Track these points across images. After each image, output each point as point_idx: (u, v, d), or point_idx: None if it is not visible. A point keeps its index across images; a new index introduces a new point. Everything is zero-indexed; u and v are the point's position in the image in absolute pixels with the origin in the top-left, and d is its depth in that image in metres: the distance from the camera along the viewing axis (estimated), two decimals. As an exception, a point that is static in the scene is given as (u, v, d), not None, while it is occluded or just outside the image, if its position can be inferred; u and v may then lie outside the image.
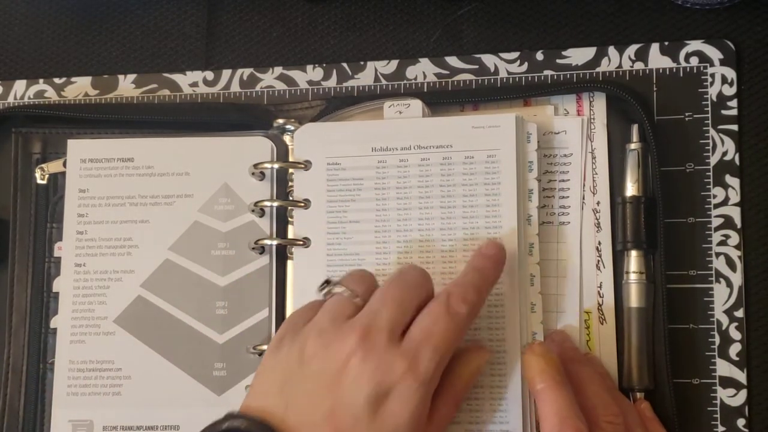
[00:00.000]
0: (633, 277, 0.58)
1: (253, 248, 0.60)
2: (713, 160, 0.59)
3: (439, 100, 0.62)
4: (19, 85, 0.68)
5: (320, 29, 0.66)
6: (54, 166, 0.64)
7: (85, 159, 0.62)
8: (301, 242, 0.59)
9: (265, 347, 0.58)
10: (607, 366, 0.57)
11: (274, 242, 0.60)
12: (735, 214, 0.58)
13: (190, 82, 0.67)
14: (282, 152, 0.61)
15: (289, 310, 0.59)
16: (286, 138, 0.62)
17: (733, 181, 0.59)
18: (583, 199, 0.59)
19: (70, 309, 0.60)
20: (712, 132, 0.59)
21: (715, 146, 0.59)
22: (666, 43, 0.61)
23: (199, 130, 0.63)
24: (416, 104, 0.60)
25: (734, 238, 0.58)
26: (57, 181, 0.64)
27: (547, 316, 0.57)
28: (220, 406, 0.55)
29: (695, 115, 0.60)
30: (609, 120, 0.60)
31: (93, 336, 0.60)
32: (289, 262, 0.60)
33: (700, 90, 0.60)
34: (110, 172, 0.62)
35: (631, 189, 0.58)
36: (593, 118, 0.60)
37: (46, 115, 0.65)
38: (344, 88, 0.65)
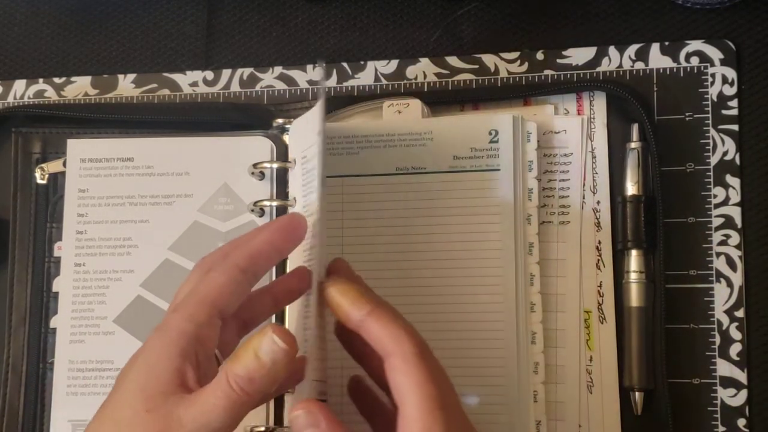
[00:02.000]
0: (633, 276, 0.58)
1: None
2: (714, 160, 0.59)
3: (439, 99, 0.62)
4: (19, 85, 0.68)
5: (320, 29, 0.66)
6: (54, 166, 0.64)
7: (84, 159, 0.62)
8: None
9: None
10: (607, 365, 0.58)
11: None
12: (735, 213, 0.58)
13: (190, 82, 0.67)
14: (281, 152, 0.61)
15: (288, 311, 0.59)
16: (286, 138, 0.62)
17: (734, 181, 0.59)
18: (584, 198, 0.59)
19: (70, 309, 0.60)
20: (713, 132, 0.59)
21: (715, 146, 0.59)
22: (666, 43, 0.61)
23: (199, 130, 0.63)
24: (415, 104, 0.60)
25: (735, 238, 0.58)
26: (57, 180, 0.64)
27: (546, 316, 0.57)
28: None
29: (696, 115, 0.60)
30: (609, 119, 0.60)
31: (93, 336, 0.60)
32: (288, 261, 0.59)
33: (700, 90, 0.60)
34: (110, 171, 0.61)
35: (631, 188, 0.58)
36: (593, 118, 0.60)
37: (45, 114, 0.65)
38: (344, 87, 0.64)
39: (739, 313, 0.57)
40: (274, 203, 0.60)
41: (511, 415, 0.55)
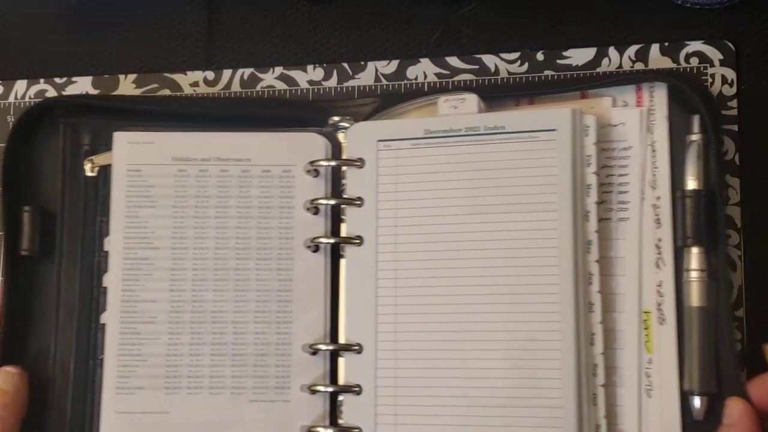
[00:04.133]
0: (694, 275, 0.55)
1: (308, 246, 0.59)
2: (713, 160, 0.59)
3: (495, 94, 0.61)
4: (20, 85, 0.68)
5: (320, 29, 0.66)
6: (103, 158, 0.62)
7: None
8: (356, 241, 0.59)
9: (321, 346, 0.58)
10: (667, 368, 0.55)
11: (330, 241, 0.59)
12: (735, 213, 0.58)
13: (191, 82, 0.67)
14: (336, 149, 0.60)
15: (342, 308, 0.59)
16: (340, 135, 0.61)
17: (733, 181, 0.59)
18: (643, 194, 0.57)
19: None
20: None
21: (716, 146, 0.59)
22: (666, 44, 0.61)
23: (250, 125, 0.62)
24: (472, 99, 0.59)
25: (734, 238, 0.58)
26: (107, 173, 0.62)
27: (605, 317, 0.56)
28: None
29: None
30: (670, 111, 0.58)
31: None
32: (342, 261, 0.59)
33: (700, 90, 0.60)
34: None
35: (691, 183, 0.56)
36: (653, 110, 0.58)
37: (95, 105, 0.63)
38: (345, 88, 0.65)
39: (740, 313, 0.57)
40: (331, 202, 0.60)
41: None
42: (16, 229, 0.62)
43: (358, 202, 0.59)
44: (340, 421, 0.57)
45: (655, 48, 0.61)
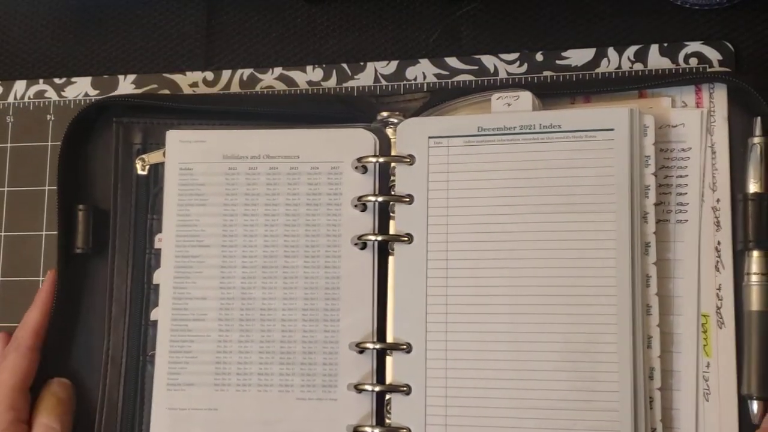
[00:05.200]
0: (755, 278, 0.55)
1: (355, 243, 0.59)
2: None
3: (550, 91, 0.60)
4: (20, 85, 0.68)
5: (320, 29, 0.66)
6: (154, 157, 0.63)
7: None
8: (405, 238, 0.58)
9: (368, 344, 0.58)
10: (725, 372, 0.55)
11: (378, 238, 0.59)
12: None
13: (190, 83, 0.67)
14: (384, 146, 0.60)
15: (391, 306, 0.58)
16: (389, 131, 0.61)
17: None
18: (702, 196, 0.57)
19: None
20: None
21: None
22: (665, 45, 0.61)
23: (301, 122, 0.62)
24: (526, 96, 0.58)
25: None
26: (157, 171, 0.62)
27: (662, 319, 0.55)
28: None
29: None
30: (730, 112, 0.58)
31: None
32: (390, 258, 0.59)
33: (699, 91, 0.60)
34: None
35: (753, 186, 0.56)
36: (713, 111, 0.58)
37: (147, 104, 0.63)
38: (344, 88, 0.65)
39: None
40: (379, 198, 0.59)
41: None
42: (71, 228, 0.62)
43: (408, 199, 0.59)
44: (388, 421, 0.57)
45: (654, 48, 0.61)
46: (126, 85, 0.67)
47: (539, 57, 0.63)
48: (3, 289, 0.66)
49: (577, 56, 0.62)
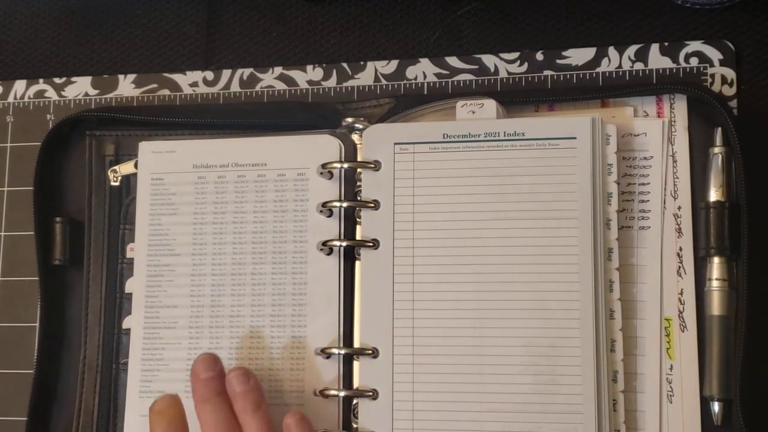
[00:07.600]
0: (716, 284, 0.56)
1: (321, 249, 0.59)
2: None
3: (514, 99, 0.61)
4: (19, 85, 0.68)
5: (320, 29, 0.66)
6: (126, 168, 0.63)
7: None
8: (371, 244, 0.58)
9: (334, 350, 0.58)
10: (688, 375, 0.56)
11: (343, 243, 0.59)
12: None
13: (190, 82, 0.67)
14: (350, 151, 0.60)
15: (357, 311, 0.59)
16: (354, 137, 0.61)
17: (732, 181, 0.59)
18: (664, 203, 0.58)
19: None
20: (712, 132, 0.59)
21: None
22: (666, 44, 0.61)
23: (268, 130, 0.62)
24: (490, 104, 0.59)
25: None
26: (129, 182, 0.64)
27: (626, 323, 0.56)
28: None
29: (694, 116, 0.60)
30: (690, 122, 0.59)
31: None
32: (357, 264, 0.59)
33: (699, 90, 0.60)
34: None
35: (714, 194, 0.57)
36: (674, 121, 0.59)
37: (117, 117, 0.64)
38: (344, 88, 0.65)
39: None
40: (344, 204, 0.59)
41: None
42: (49, 240, 0.64)
43: (373, 205, 0.59)
44: (356, 426, 0.57)
45: (654, 48, 0.61)
46: (126, 85, 0.67)
47: (539, 57, 0.63)
48: (3, 289, 0.66)
49: (578, 56, 0.62)
